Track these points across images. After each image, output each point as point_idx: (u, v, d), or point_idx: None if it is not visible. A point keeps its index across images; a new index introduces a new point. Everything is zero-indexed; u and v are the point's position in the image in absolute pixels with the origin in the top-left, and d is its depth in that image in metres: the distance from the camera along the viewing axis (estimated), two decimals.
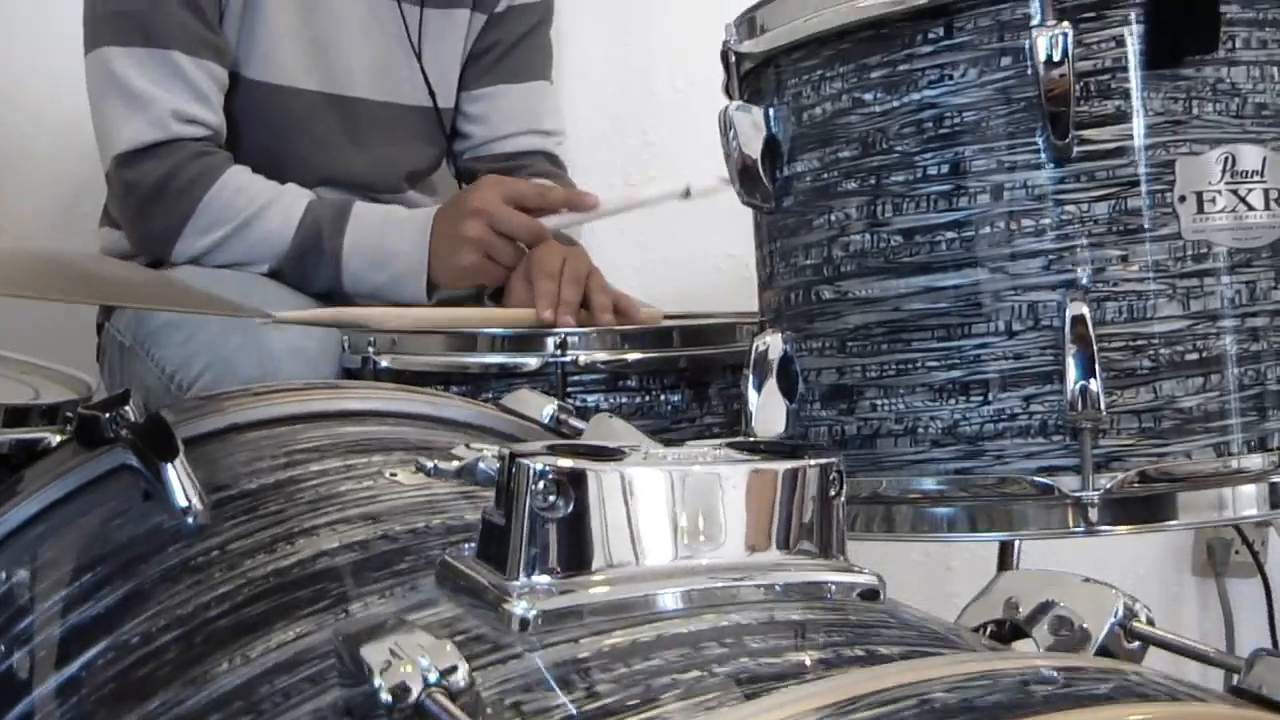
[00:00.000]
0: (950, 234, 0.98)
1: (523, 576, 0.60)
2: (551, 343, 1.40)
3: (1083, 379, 0.93)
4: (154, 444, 0.85)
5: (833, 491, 0.66)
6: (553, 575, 0.60)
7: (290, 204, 1.75)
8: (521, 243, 1.71)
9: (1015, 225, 0.96)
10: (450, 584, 0.65)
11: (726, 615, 0.60)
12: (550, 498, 0.60)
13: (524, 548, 0.60)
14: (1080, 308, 0.94)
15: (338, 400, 1.03)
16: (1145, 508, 0.96)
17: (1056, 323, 0.95)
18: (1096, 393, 0.93)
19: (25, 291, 0.83)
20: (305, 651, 0.64)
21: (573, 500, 0.60)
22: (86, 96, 1.79)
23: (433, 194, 2.06)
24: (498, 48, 2.04)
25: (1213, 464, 0.96)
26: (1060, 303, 0.95)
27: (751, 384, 1.08)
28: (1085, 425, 0.93)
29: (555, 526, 0.60)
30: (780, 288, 1.10)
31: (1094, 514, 0.94)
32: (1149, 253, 0.95)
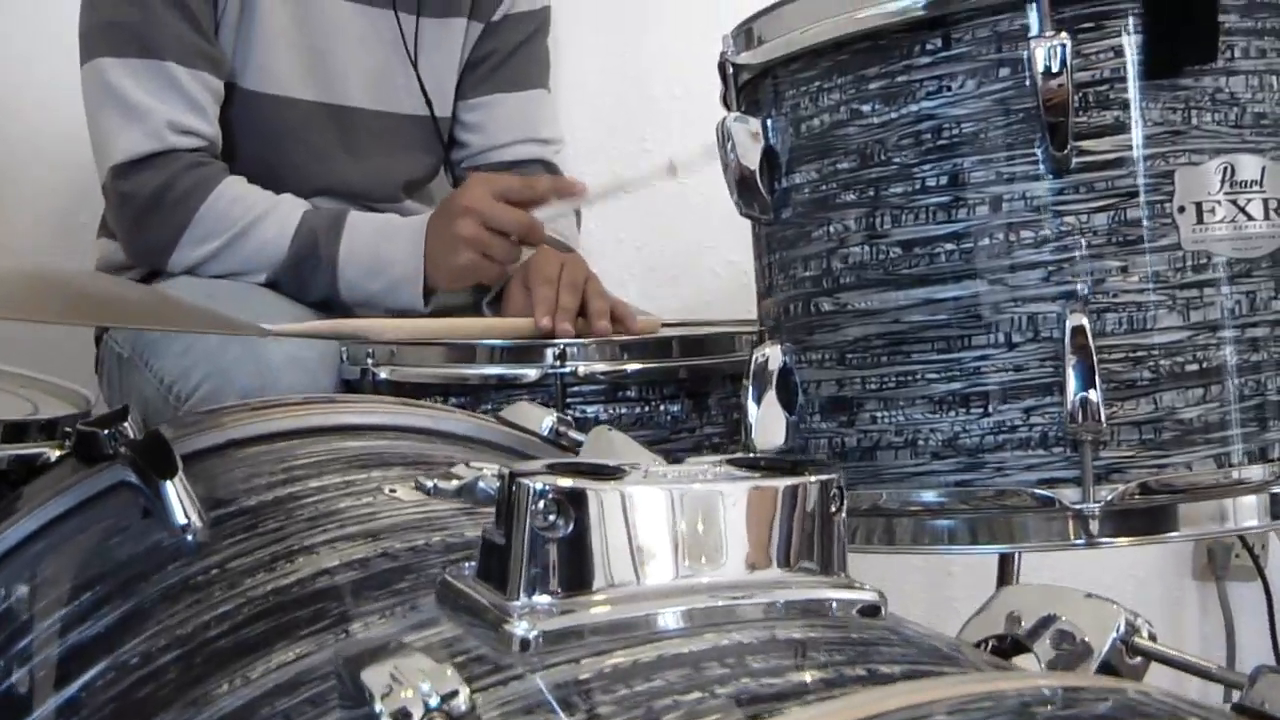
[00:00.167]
0: (949, 246, 0.98)
1: (523, 597, 0.60)
2: (551, 354, 1.40)
3: (1083, 390, 0.93)
4: (153, 461, 0.85)
5: (833, 507, 0.66)
6: (553, 595, 0.60)
7: (286, 214, 1.74)
8: (515, 236, 1.70)
9: (1014, 237, 0.96)
10: (450, 603, 0.64)
11: (728, 634, 0.60)
12: (550, 517, 0.60)
13: (524, 568, 0.60)
14: (1080, 319, 0.94)
15: (336, 415, 1.03)
16: (1146, 519, 0.96)
17: (1056, 334, 0.95)
18: (1097, 404, 0.93)
19: (20, 314, 0.82)
20: (306, 673, 0.64)
21: (573, 520, 0.60)
22: (83, 107, 1.79)
23: (430, 203, 2.05)
24: (494, 56, 2.04)
25: (1213, 475, 0.96)
26: (1060, 314, 0.95)
27: (751, 396, 1.08)
28: (1086, 437, 0.93)
29: (555, 546, 0.60)
30: (779, 299, 1.09)
31: (1095, 526, 0.94)
32: (1149, 263, 0.95)
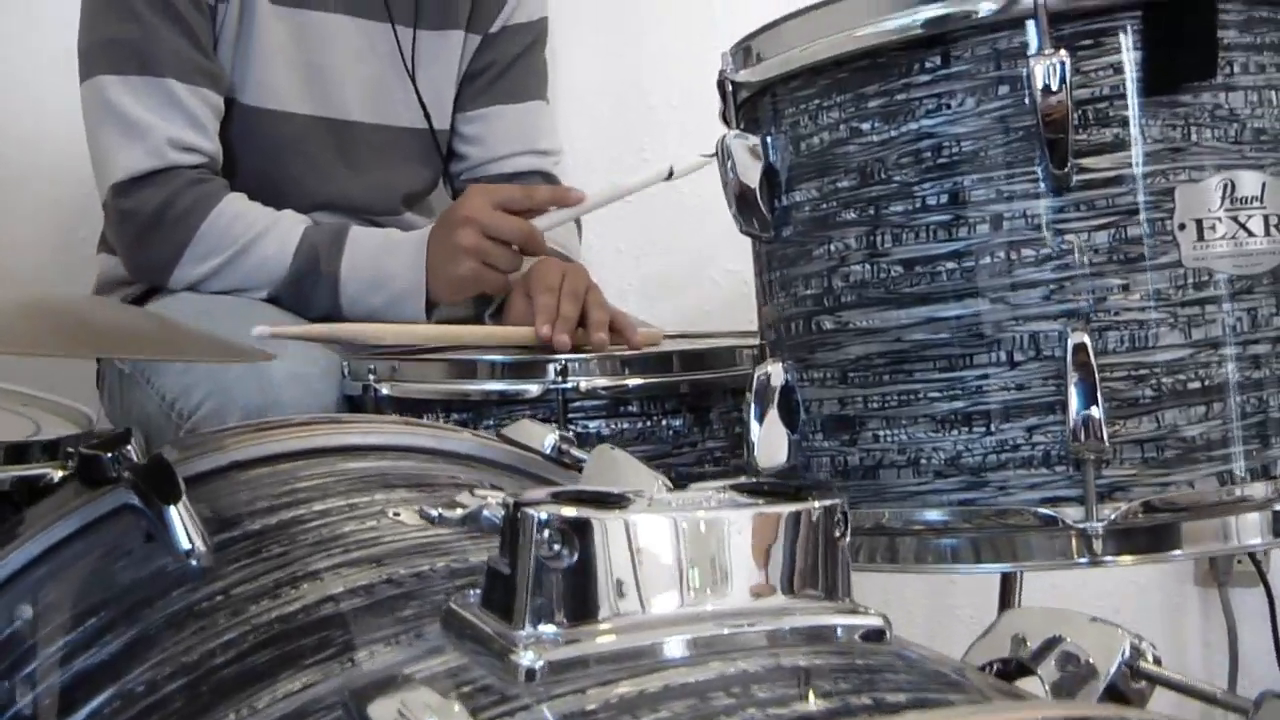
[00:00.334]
0: (950, 264, 0.98)
1: (528, 626, 0.60)
2: (552, 369, 1.40)
3: (1085, 409, 0.93)
4: (156, 486, 0.85)
5: (837, 532, 0.66)
6: (558, 625, 0.60)
7: (287, 230, 1.75)
8: (516, 245, 1.71)
9: (1015, 255, 0.96)
10: (455, 632, 0.64)
11: (733, 663, 0.60)
12: (555, 547, 0.60)
13: (529, 597, 0.60)
14: (1082, 337, 0.94)
15: (339, 435, 1.03)
16: (1149, 537, 0.96)
17: (1058, 353, 0.95)
18: (1099, 423, 0.93)
19: (19, 348, 0.82)
20: (312, 703, 0.64)
21: (578, 549, 0.60)
22: (81, 120, 1.79)
23: (430, 216, 2.05)
24: (493, 68, 2.04)
25: (1216, 493, 0.96)
26: (1062, 332, 0.95)
27: (753, 414, 1.07)
28: (1088, 456, 0.93)
29: (560, 575, 0.60)
30: (780, 317, 1.09)
31: (1098, 544, 0.94)
32: (1150, 281, 0.95)
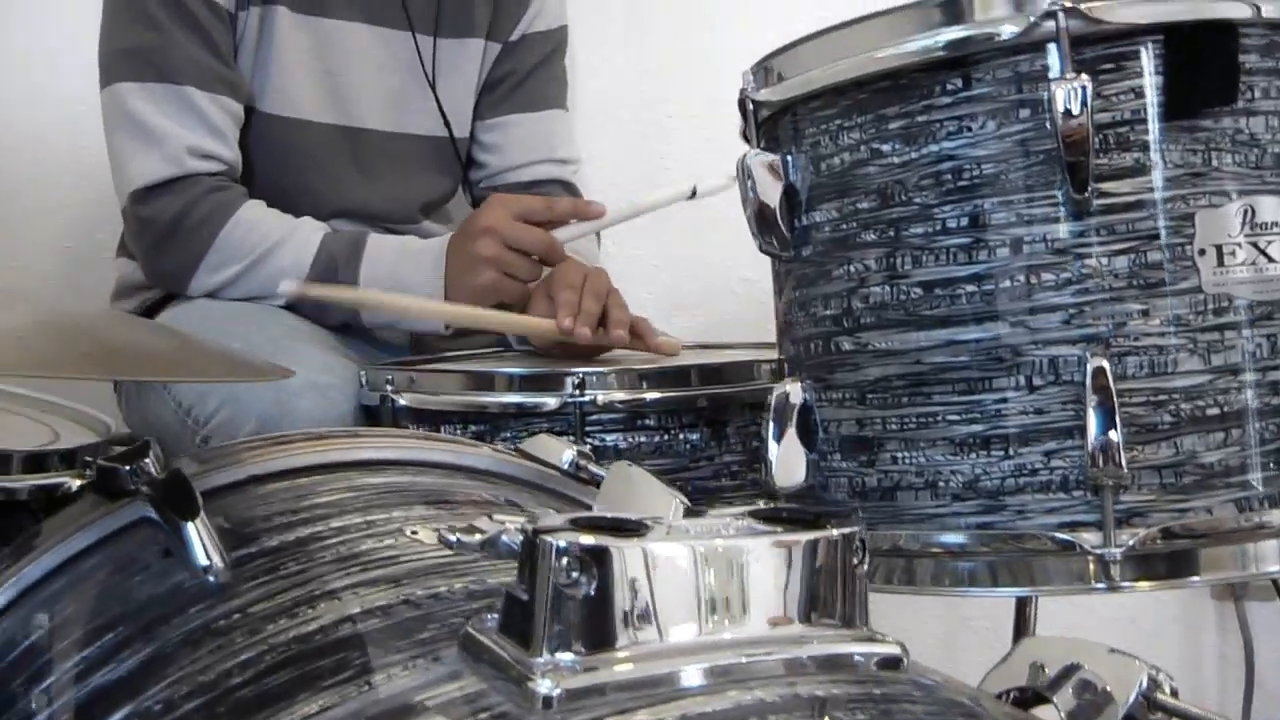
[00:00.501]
0: (970, 287, 0.98)
1: (546, 654, 0.60)
2: (570, 382, 1.40)
3: (1104, 434, 0.93)
4: (175, 502, 0.85)
5: (855, 560, 0.66)
6: (576, 652, 0.60)
7: (304, 238, 1.75)
8: (535, 256, 1.71)
9: (1035, 279, 0.96)
10: (473, 657, 0.64)
11: (750, 691, 0.60)
12: (573, 574, 0.60)
13: (547, 624, 0.60)
14: (1101, 362, 0.94)
15: (357, 450, 1.03)
16: (1167, 564, 0.96)
17: (1077, 377, 0.95)
18: (1117, 448, 0.93)
19: (36, 369, 0.82)
20: None
21: (595, 577, 0.60)
22: (102, 124, 1.80)
23: (448, 223, 2.06)
24: (512, 77, 2.04)
25: (1234, 519, 0.95)
26: (1081, 357, 0.95)
27: (772, 434, 1.07)
28: (1107, 481, 0.93)
29: (578, 603, 0.60)
30: (799, 336, 1.09)
31: (1116, 570, 0.94)
32: (1170, 306, 0.95)
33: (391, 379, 1.48)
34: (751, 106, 1.10)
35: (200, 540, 0.83)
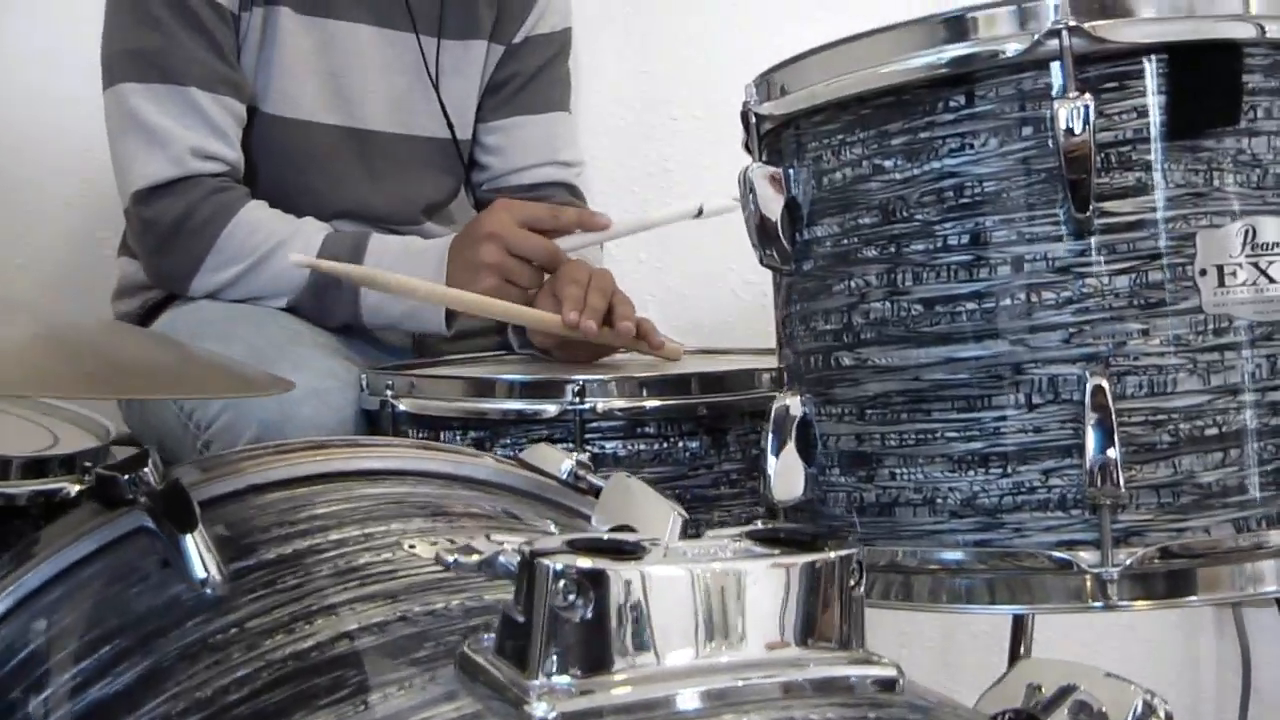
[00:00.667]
0: (971, 305, 0.98)
1: (542, 676, 0.60)
2: (570, 390, 1.40)
3: (1102, 453, 0.93)
4: (173, 514, 0.85)
5: (852, 582, 0.66)
6: (573, 675, 0.60)
7: (306, 239, 1.74)
8: (538, 264, 1.71)
9: (1036, 298, 0.96)
10: (469, 677, 0.65)
11: (746, 715, 0.60)
12: (570, 597, 0.60)
13: (544, 647, 0.60)
14: (1100, 381, 0.94)
15: (356, 459, 1.03)
16: (1165, 583, 0.96)
17: (1076, 396, 0.95)
18: (1116, 467, 0.93)
19: (36, 389, 0.82)
20: None
21: (593, 600, 0.60)
22: (103, 124, 1.80)
23: (450, 224, 2.06)
24: (516, 79, 2.04)
25: (1232, 539, 0.95)
26: (1080, 376, 0.95)
27: (771, 447, 1.07)
28: (1105, 501, 0.93)
29: (575, 626, 0.60)
30: (799, 350, 1.10)
31: (1113, 589, 0.94)
32: (1170, 326, 0.95)
33: (392, 384, 1.48)
34: (754, 119, 1.10)
35: (198, 552, 0.83)
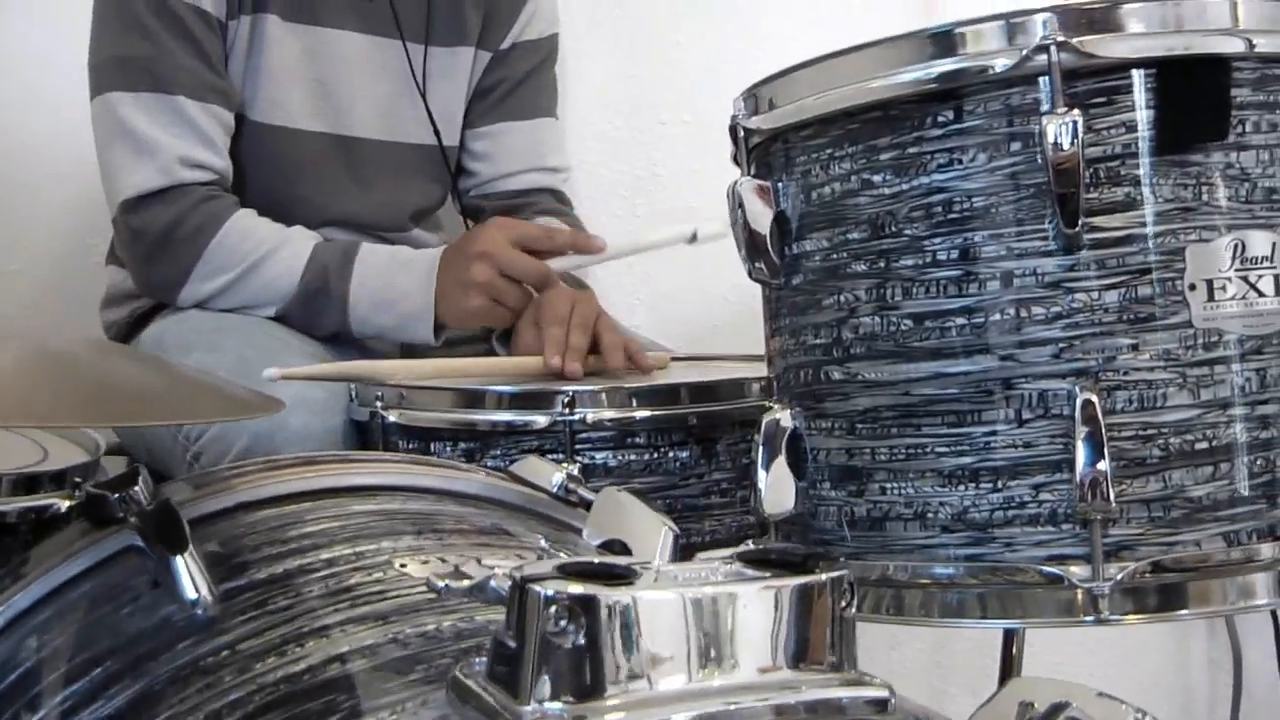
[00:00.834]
0: (960, 320, 0.98)
1: (534, 703, 0.60)
2: (560, 401, 1.39)
3: (1092, 468, 0.93)
4: (163, 535, 0.85)
5: (843, 604, 0.66)
6: (565, 701, 0.60)
7: (296, 248, 1.75)
8: (529, 285, 1.71)
9: (1025, 313, 0.96)
10: (461, 702, 0.64)
11: None
12: (561, 623, 0.60)
13: (535, 672, 0.60)
14: (1090, 396, 0.94)
15: (347, 475, 1.03)
16: (1156, 597, 0.96)
17: (1066, 411, 0.95)
18: (1106, 482, 0.93)
19: (20, 418, 0.82)
20: None
21: (584, 626, 0.60)
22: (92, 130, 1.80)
23: (437, 231, 2.06)
24: (503, 85, 2.04)
25: (1223, 553, 0.96)
26: (1070, 391, 0.95)
27: (761, 461, 1.07)
28: (1095, 516, 0.93)
29: (567, 652, 0.60)
30: (789, 364, 1.09)
31: (1104, 603, 0.94)
32: (1159, 341, 0.95)
33: (381, 395, 1.48)
34: (742, 133, 1.10)
35: (189, 573, 0.83)
